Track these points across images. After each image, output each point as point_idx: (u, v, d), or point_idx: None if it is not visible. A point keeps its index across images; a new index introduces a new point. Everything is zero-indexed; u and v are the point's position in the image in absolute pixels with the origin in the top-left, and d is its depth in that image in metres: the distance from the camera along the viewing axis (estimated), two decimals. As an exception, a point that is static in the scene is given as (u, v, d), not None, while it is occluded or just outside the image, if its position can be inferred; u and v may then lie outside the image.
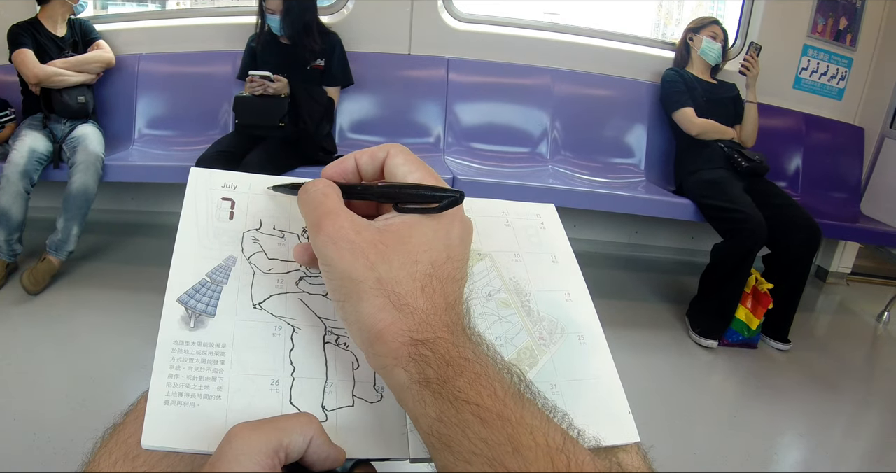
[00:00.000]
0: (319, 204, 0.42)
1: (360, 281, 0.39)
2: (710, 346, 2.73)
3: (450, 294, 0.41)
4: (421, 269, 0.40)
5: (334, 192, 0.43)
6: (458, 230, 0.44)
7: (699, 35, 3.21)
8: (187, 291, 0.44)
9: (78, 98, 3.00)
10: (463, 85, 3.45)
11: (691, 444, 2.10)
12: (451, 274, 0.42)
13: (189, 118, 3.34)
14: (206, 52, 3.39)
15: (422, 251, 0.41)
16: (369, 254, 0.39)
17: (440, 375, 0.36)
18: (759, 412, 2.38)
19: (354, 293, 0.39)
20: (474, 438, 0.34)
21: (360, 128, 3.39)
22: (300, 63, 3.00)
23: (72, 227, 2.75)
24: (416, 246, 0.41)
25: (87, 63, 3.04)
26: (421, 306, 0.39)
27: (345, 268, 0.39)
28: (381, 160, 0.46)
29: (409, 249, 0.40)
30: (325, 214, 0.41)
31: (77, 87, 3.00)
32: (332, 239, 0.40)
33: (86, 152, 2.79)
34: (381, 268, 0.39)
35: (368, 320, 0.39)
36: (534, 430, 0.34)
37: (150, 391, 0.39)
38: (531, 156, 3.43)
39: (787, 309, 2.80)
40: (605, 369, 0.52)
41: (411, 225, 0.42)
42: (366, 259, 0.39)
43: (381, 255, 0.39)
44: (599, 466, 0.35)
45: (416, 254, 0.40)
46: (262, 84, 2.84)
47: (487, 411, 0.35)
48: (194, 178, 0.52)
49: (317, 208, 0.42)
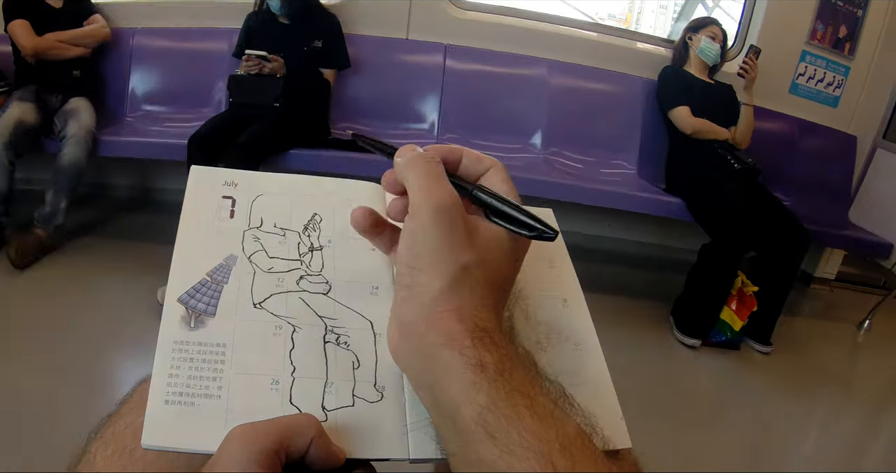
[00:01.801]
0: (433, 170, 0.42)
1: (452, 257, 0.40)
2: (693, 345, 2.75)
3: (501, 304, 0.43)
4: (496, 273, 0.41)
5: (444, 172, 0.43)
6: (520, 264, 0.45)
7: (698, 35, 3.21)
8: (188, 291, 0.44)
9: (73, 71, 2.96)
10: (460, 72, 3.44)
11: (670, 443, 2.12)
12: (507, 288, 0.44)
13: (183, 95, 3.31)
14: (203, 29, 3.35)
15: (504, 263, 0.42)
16: (472, 238, 0.40)
17: (498, 364, 0.37)
18: (739, 413, 2.41)
19: (439, 264, 0.39)
20: (525, 431, 0.34)
21: (356, 111, 3.37)
22: (297, 43, 2.97)
23: (61, 200, 2.73)
24: (503, 255, 0.42)
25: (84, 37, 2.99)
26: (487, 302, 0.40)
27: (447, 239, 0.40)
28: (485, 168, 0.46)
29: (499, 255, 0.42)
30: (438, 182, 0.41)
31: (72, 61, 2.97)
32: (452, 207, 0.40)
33: (77, 125, 2.77)
34: (476, 254, 0.40)
35: (439, 295, 0.39)
36: (581, 432, 0.35)
37: (150, 390, 0.39)
38: (524, 147, 3.43)
39: (771, 312, 2.82)
40: (600, 375, 0.53)
41: (498, 235, 0.42)
42: (469, 240, 0.40)
43: (478, 243, 0.41)
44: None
45: (502, 264, 0.42)
46: (258, 63, 2.82)
47: (541, 406, 0.35)
48: (195, 176, 0.52)
49: (437, 177, 0.42)
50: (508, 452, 0.33)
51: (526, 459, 0.33)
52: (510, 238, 0.43)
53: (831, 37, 3.60)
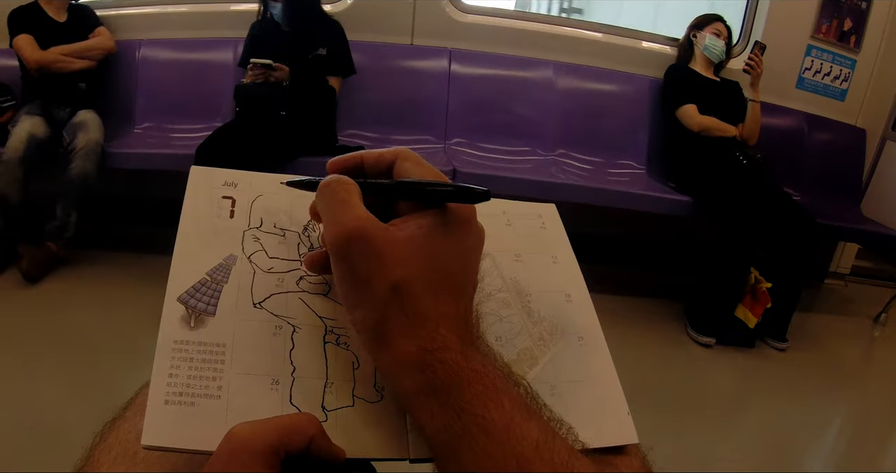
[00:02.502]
0: (342, 200, 0.40)
1: (374, 286, 0.38)
2: (707, 344, 2.73)
3: (461, 303, 0.40)
4: (435, 279, 0.39)
5: (356, 190, 0.41)
6: (472, 238, 0.43)
7: (703, 32, 3.20)
8: (187, 290, 0.44)
9: (79, 84, 2.98)
10: (465, 76, 3.44)
11: (687, 442, 2.10)
12: (463, 284, 0.41)
13: (190, 105, 3.32)
14: (208, 39, 3.37)
15: (438, 259, 0.40)
16: (387, 261, 0.38)
17: (447, 386, 0.36)
18: (756, 410, 2.39)
19: (368, 300, 0.38)
20: (479, 451, 0.34)
21: (362, 118, 3.36)
22: (302, 51, 2.97)
23: (70, 213, 2.73)
24: (432, 254, 0.40)
25: (88, 50, 3.01)
26: (432, 315, 0.38)
27: (362, 271, 0.38)
28: (387, 163, 0.44)
29: (426, 258, 0.39)
30: (349, 210, 0.40)
31: (77, 73, 2.98)
32: (352, 239, 0.39)
33: (86, 138, 2.77)
34: (396, 273, 0.38)
35: (379, 328, 0.38)
36: (539, 446, 0.34)
37: (150, 390, 0.39)
38: (532, 149, 3.42)
39: (786, 308, 2.80)
40: (605, 370, 0.52)
41: (428, 231, 0.40)
42: (384, 265, 0.38)
43: (398, 263, 0.38)
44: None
45: (433, 263, 0.40)
46: (264, 72, 2.83)
47: (493, 424, 0.35)
48: (194, 177, 0.51)
49: (340, 203, 0.40)
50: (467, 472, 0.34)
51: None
52: (443, 227, 0.41)
53: (836, 30, 3.58)
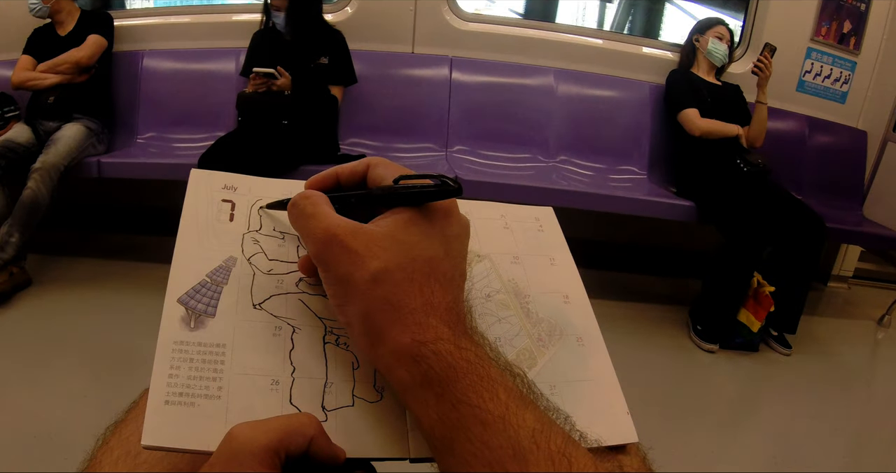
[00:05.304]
0: (310, 214, 0.42)
1: (355, 280, 0.39)
2: (710, 349, 2.72)
3: (449, 293, 0.41)
4: (418, 268, 0.40)
5: (321, 200, 0.42)
6: (454, 227, 0.43)
7: (705, 36, 3.20)
8: (187, 292, 0.45)
9: (48, 99, 2.95)
10: (466, 84, 3.45)
11: (692, 446, 2.10)
12: (450, 273, 0.41)
13: (193, 115, 3.33)
14: (210, 49, 3.39)
15: (418, 249, 0.40)
16: (364, 256, 0.39)
17: (442, 377, 0.36)
18: (760, 414, 2.38)
19: (352, 295, 0.39)
20: (475, 441, 0.34)
21: (364, 127, 3.38)
22: (304, 61, 2.99)
23: (12, 234, 2.58)
24: (411, 244, 0.40)
25: (57, 65, 2.98)
26: (418, 304, 0.39)
27: (341, 271, 0.39)
28: (361, 174, 0.45)
29: (404, 248, 0.40)
30: (316, 221, 0.41)
31: (51, 89, 2.96)
32: (325, 244, 0.40)
33: (45, 158, 2.69)
34: (373, 264, 0.39)
35: (368, 322, 0.39)
36: (535, 434, 0.34)
37: (151, 391, 0.39)
38: (534, 156, 3.43)
39: (795, 307, 2.79)
40: (604, 370, 0.53)
41: (406, 224, 0.41)
42: (361, 260, 0.39)
43: (375, 256, 0.39)
44: (601, 468, 0.35)
45: (412, 253, 0.40)
46: (266, 81, 2.84)
47: (489, 414, 0.35)
48: (194, 180, 0.52)
49: (307, 217, 0.42)
50: (465, 463, 0.35)
51: (480, 468, 0.34)
52: (421, 218, 0.42)
53: (836, 32, 3.58)
